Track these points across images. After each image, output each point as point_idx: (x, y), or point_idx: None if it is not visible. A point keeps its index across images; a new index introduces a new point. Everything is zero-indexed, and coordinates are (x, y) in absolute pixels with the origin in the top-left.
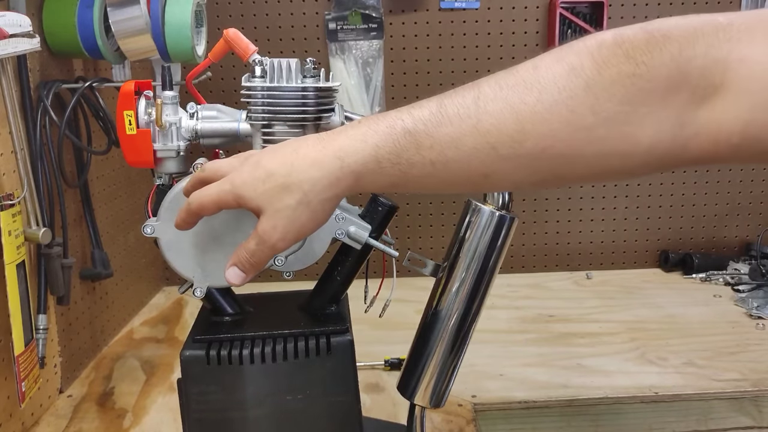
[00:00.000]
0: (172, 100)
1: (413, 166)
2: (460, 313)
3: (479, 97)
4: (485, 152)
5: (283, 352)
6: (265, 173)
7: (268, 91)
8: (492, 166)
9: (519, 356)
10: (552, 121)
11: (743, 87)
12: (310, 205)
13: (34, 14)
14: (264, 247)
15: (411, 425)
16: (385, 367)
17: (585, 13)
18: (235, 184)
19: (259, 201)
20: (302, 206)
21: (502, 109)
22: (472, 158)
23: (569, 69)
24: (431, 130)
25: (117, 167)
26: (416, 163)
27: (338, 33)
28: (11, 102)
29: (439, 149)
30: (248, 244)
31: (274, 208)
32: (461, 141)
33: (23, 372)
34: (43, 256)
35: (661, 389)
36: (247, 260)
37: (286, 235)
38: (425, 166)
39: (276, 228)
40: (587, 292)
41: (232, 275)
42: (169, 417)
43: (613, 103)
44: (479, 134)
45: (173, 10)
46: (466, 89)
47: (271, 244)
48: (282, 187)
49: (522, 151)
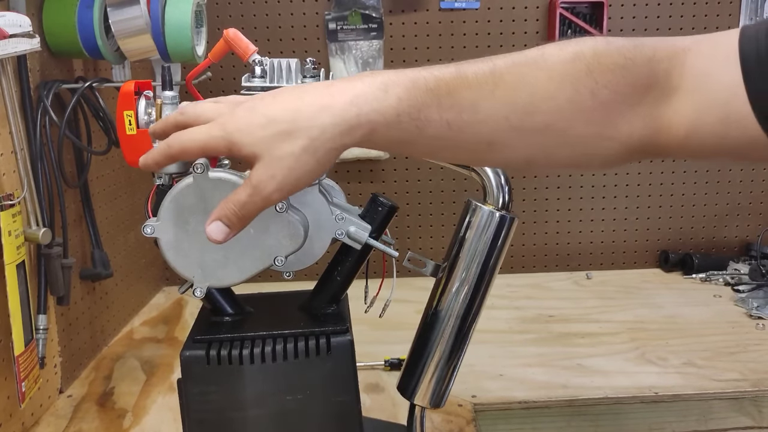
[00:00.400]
0: (172, 100)
1: (430, 124)
2: (460, 313)
3: (495, 68)
4: (497, 120)
5: (283, 352)
6: (264, 118)
7: (267, 91)
8: (499, 135)
9: (519, 356)
10: (559, 99)
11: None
12: (316, 153)
13: (34, 14)
14: (257, 198)
15: (411, 425)
16: (385, 367)
17: (585, 13)
18: (228, 129)
19: (256, 148)
20: (307, 154)
21: (517, 81)
22: (484, 124)
23: (573, 55)
24: (453, 91)
25: (117, 167)
26: (433, 121)
27: (338, 33)
28: (11, 102)
29: (458, 110)
30: (238, 195)
31: (273, 156)
32: (478, 106)
33: (23, 372)
34: (43, 256)
35: (661, 389)
36: (234, 213)
37: (283, 185)
38: (441, 126)
39: (274, 177)
40: (587, 292)
41: (215, 230)
42: (169, 417)
43: (609, 90)
44: (496, 101)
45: (173, 10)
46: (480, 60)
47: (265, 194)
48: (285, 133)
49: (529, 124)
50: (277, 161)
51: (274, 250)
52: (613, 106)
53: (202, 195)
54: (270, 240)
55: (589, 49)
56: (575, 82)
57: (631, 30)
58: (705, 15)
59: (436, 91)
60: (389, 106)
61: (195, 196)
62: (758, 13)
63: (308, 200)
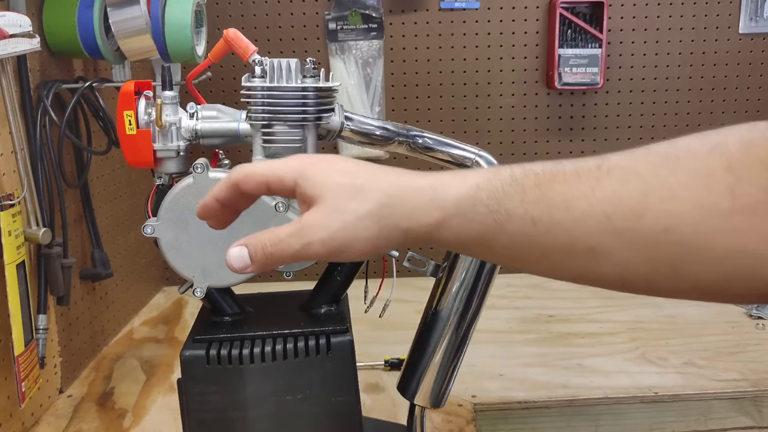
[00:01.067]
0: (172, 100)
1: (511, 218)
2: (460, 313)
3: (603, 163)
4: (596, 220)
5: (283, 352)
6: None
7: (268, 91)
8: (601, 239)
9: (519, 356)
10: (682, 199)
11: None
12: (379, 223)
13: (34, 14)
14: (297, 241)
15: (411, 425)
16: (385, 367)
17: (585, 13)
18: (302, 162)
19: (323, 190)
20: (370, 220)
21: (627, 177)
22: (580, 224)
23: (711, 146)
24: (541, 184)
25: (117, 167)
26: (516, 216)
27: (338, 33)
28: (11, 102)
29: (545, 206)
30: (279, 229)
31: (335, 206)
32: (572, 203)
33: (23, 372)
34: (43, 256)
35: (661, 389)
36: (264, 246)
37: (331, 240)
38: (525, 222)
39: (325, 227)
40: (587, 292)
41: (235, 256)
42: (169, 417)
43: (756, 187)
44: (594, 198)
45: (173, 10)
46: (591, 157)
47: (308, 240)
48: (358, 190)
49: (639, 227)
50: (337, 213)
51: None
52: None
53: (202, 195)
54: None
55: (735, 138)
56: (707, 179)
57: (631, 30)
58: (705, 15)
59: (522, 181)
60: (465, 193)
61: (195, 196)
62: (758, 13)
63: None
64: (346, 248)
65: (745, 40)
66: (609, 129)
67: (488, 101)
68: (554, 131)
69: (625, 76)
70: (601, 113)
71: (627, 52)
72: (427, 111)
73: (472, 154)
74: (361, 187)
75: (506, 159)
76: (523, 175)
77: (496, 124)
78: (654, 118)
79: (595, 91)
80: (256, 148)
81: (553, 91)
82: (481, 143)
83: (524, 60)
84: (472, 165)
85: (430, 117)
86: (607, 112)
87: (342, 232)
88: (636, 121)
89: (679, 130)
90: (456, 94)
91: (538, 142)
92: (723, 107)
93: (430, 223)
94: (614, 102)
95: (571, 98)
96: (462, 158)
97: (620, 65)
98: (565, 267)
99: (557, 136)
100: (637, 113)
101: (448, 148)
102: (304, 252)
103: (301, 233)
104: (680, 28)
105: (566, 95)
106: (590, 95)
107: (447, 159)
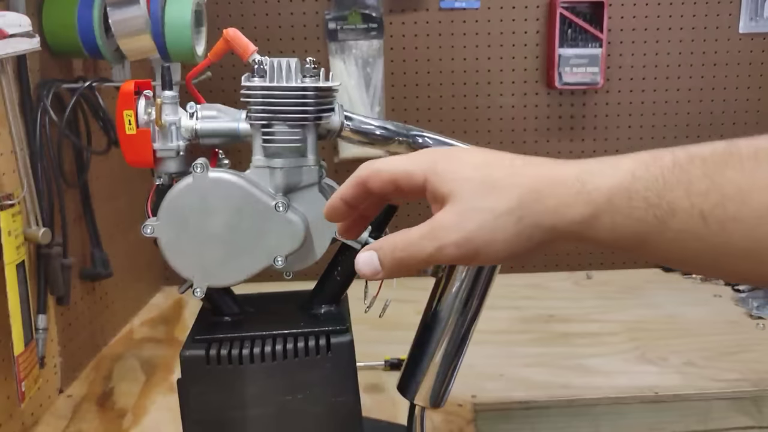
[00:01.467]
0: (172, 99)
1: (675, 214)
2: (460, 313)
3: None
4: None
5: (283, 351)
6: (480, 160)
7: (267, 90)
8: None
9: (519, 356)
10: None
11: None
12: (520, 222)
13: (34, 14)
14: (430, 244)
15: (411, 425)
16: (385, 367)
17: (585, 13)
18: (433, 157)
19: (456, 185)
20: (510, 217)
21: None
22: (763, 221)
23: None
24: (711, 171)
25: (117, 167)
26: (680, 210)
27: (338, 33)
28: (11, 102)
29: (718, 198)
30: (410, 232)
31: (469, 204)
32: (751, 194)
33: (23, 372)
34: (43, 256)
35: (661, 389)
36: (393, 250)
37: (466, 241)
38: (692, 218)
39: (460, 228)
40: (587, 292)
41: (364, 261)
42: (169, 417)
43: None
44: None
45: (173, 10)
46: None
47: (441, 243)
48: (494, 184)
49: None
50: (472, 212)
51: (274, 250)
52: None
53: (201, 195)
54: (270, 240)
55: None
56: None
57: (631, 30)
58: (705, 15)
59: (687, 168)
60: (618, 183)
61: (195, 195)
62: (758, 13)
63: (308, 200)
64: (482, 251)
65: (745, 40)
66: (609, 129)
67: (488, 101)
68: (554, 131)
69: (625, 76)
70: (601, 113)
71: (627, 52)
72: (427, 111)
73: None
74: (498, 182)
75: None
76: (687, 160)
77: (496, 124)
78: (654, 118)
79: (595, 91)
80: (255, 148)
81: (553, 91)
82: (481, 143)
83: (524, 60)
84: None
85: (430, 117)
86: (607, 112)
87: (478, 232)
88: (636, 121)
89: (678, 130)
90: (456, 94)
91: (538, 142)
92: (723, 107)
93: (577, 221)
94: (614, 102)
95: (571, 98)
96: None
97: (620, 65)
98: (748, 271)
99: (557, 136)
100: (637, 113)
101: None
102: (437, 255)
103: (434, 235)
104: (680, 28)
105: (566, 95)
106: (590, 95)
107: None
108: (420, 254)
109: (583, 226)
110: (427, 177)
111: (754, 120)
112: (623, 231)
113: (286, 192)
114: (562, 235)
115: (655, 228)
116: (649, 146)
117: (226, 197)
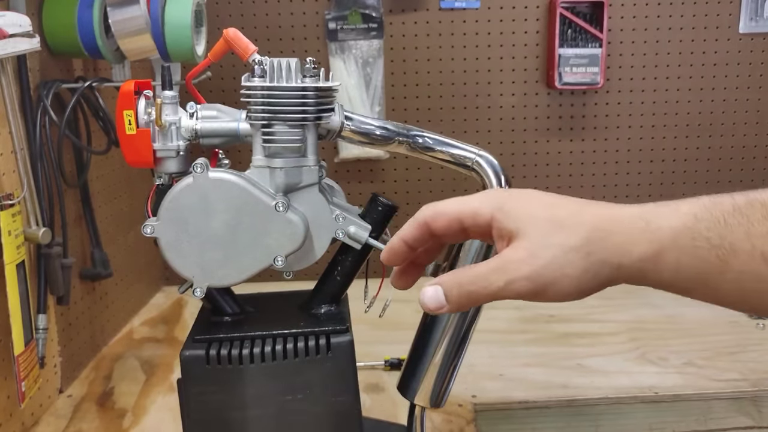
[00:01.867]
0: (172, 99)
1: (737, 255)
2: (460, 313)
3: None
4: None
5: (283, 351)
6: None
7: (267, 90)
8: None
9: (519, 356)
10: None
11: None
12: (588, 258)
13: (34, 14)
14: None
15: (411, 425)
16: (385, 367)
17: (585, 13)
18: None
19: (523, 223)
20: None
21: None
22: None
23: None
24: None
25: (117, 167)
26: (742, 252)
27: (338, 33)
28: (11, 102)
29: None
30: (477, 268)
31: (538, 240)
32: None
33: (23, 372)
34: (43, 256)
35: (661, 389)
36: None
37: (537, 277)
38: (754, 259)
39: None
40: None
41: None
42: (169, 417)
43: None
44: None
45: (173, 9)
46: None
47: (510, 278)
48: (562, 223)
49: None
50: (542, 248)
51: (274, 250)
52: None
53: (202, 195)
54: (270, 240)
55: None
56: None
57: (631, 30)
58: (705, 15)
59: (747, 212)
60: (681, 224)
61: (195, 196)
62: (758, 13)
63: (308, 200)
64: (550, 286)
65: (745, 40)
66: (609, 129)
67: (488, 101)
68: (554, 131)
69: (625, 76)
70: (601, 113)
71: (627, 51)
72: (427, 111)
73: (472, 154)
74: (564, 220)
75: (506, 159)
76: (747, 205)
77: (496, 124)
78: (654, 118)
79: (595, 91)
80: (255, 148)
81: (553, 91)
82: (481, 143)
83: (524, 60)
84: (472, 165)
85: (430, 117)
86: (607, 112)
87: (548, 268)
88: (636, 121)
89: (678, 130)
90: (456, 94)
91: (538, 142)
92: (723, 107)
93: (643, 258)
94: (614, 102)
95: (571, 98)
96: (462, 158)
97: (620, 65)
98: None
99: (557, 136)
100: (637, 113)
101: (448, 147)
102: (506, 290)
103: (504, 269)
104: (680, 28)
105: (566, 95)
106: (590, 95)
107: (447, 159)
108: (488, 288)
109: (648, 264)
110: (494, 215)
111: (754, 120)
112: (687, 271)
113: (286, 192)
114: (626, 272)
115: (717, 268)
116: (649, 146)
117: (226, 197)
